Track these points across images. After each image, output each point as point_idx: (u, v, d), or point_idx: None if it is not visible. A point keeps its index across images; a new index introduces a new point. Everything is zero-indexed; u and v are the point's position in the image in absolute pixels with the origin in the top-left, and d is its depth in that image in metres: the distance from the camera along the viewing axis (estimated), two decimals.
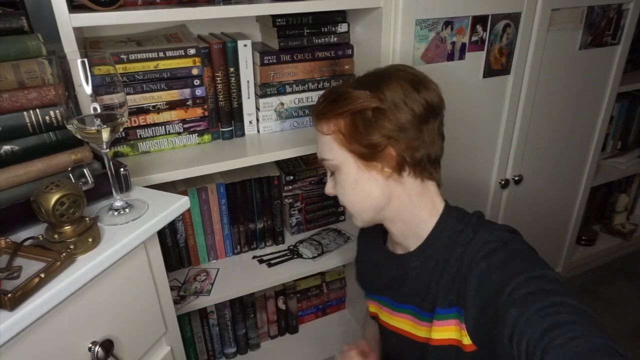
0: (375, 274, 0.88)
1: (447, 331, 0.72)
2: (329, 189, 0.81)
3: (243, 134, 1.13)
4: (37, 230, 0.65)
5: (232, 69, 1.05)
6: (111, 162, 0.69)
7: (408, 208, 0.75)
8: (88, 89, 0.61)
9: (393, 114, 0.70)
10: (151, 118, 1.00)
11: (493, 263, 0.65)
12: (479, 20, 1.13)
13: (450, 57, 1.14)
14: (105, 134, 0.64)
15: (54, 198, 0.58)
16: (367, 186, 0.74)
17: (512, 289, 0.60)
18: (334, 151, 0.74)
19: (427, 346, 0.75)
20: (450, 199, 0.79)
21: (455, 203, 0.78)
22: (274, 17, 1.06)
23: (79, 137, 0.64)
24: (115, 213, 0.69)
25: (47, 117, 0.68)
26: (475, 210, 0.77)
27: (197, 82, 1.02)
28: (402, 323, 0.82)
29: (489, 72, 1.21)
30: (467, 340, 0.68)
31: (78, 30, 0.83)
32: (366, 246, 0.93)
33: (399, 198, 0.75)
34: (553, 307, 0.56)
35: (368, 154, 0.72)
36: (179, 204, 0.74)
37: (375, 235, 0.88)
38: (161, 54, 0.96)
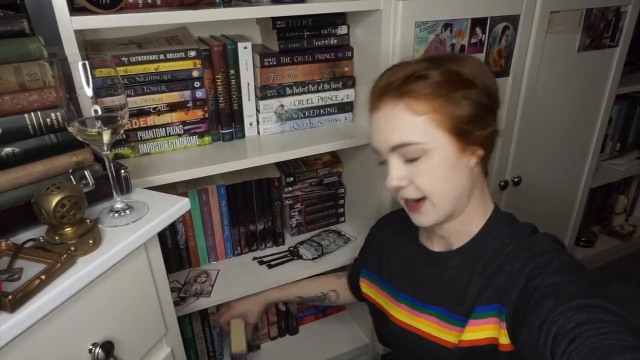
0: (402, 267, 0.83)
1: (484, 330, 0.68)
2: (401, 180, 0.67)
3: (243, 136, 1.13)
4: (37, 232, 0.65)
5: (232, 71, 1.05)
6: (112, 164, 0.69)
7: (474, 203, 0.71)
8: (89, 91, 0.61)
9: (488, 87, 0.66)
10: (152, 120, 1.01)
11: (542, 265, 0.63)
12: (478, 23, 1.14)
13: None
14: (106, 136, 0.64)
15: (54, 200, 0.58)
16: (460, 173, 0.67)
17: (555, 282, 0.58)
18: (427, 134, 0.64)
19: (455, 350, 0.72)
20: None
21: None
22: (274, 19, 1.06)
23: (80, 139, 0.65)
24: (116, 215, 0.70)
25: (48, 119, 0.68)
26: (527, 222, 0.75)
27: (197, 84, 1.02)
28: (425, 325, 0.78)
29: None
30: (504, 340, 0.66)
31: (79, 33, 0.83)
32: (393, 235, 0.85)
33: (474, 190, 0.70)
34: (593, 307, 0.54)
35: (469, 136, 0.65)
36: (180, 205, 0.74)
37: (407, 225, 0.79)
38: (162, 56, 0.97)
